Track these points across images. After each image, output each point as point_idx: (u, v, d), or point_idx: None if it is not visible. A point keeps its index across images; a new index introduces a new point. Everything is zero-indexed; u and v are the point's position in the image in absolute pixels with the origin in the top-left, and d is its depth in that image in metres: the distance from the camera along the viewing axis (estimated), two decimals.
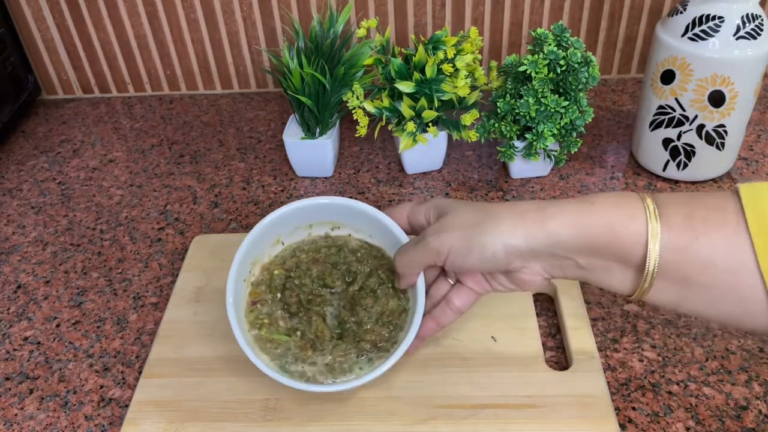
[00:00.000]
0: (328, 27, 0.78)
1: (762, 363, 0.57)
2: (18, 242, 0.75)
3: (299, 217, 0.58)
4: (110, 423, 0.55)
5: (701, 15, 0.68)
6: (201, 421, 0.53)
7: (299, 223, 0.59)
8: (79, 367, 0.60)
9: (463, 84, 0.74)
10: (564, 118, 0.72)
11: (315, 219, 0.59)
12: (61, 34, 0.97)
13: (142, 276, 0.70)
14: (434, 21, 0.94)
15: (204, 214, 0.78)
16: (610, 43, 0.96)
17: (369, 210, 0.56)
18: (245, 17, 0.94)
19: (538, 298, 0.64)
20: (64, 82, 1.02)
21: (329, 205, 0.57)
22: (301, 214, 0.58)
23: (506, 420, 0.52)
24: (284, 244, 0.60)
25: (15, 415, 0.56)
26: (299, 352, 0.54)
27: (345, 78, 0.77)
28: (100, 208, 0.80)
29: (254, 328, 0.55)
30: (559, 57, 0.70)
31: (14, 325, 0.65)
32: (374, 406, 0.54)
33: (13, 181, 0.86)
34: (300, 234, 0.60)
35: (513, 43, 0.96)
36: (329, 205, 0.57)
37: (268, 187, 0.82)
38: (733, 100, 0.70)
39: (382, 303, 0.55)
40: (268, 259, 0.59)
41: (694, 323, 0.61)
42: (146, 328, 0.64)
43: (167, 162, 0.88)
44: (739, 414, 0.53)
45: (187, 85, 1.02)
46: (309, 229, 0.60)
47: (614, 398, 0.55)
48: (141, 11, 0.94)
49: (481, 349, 0.58)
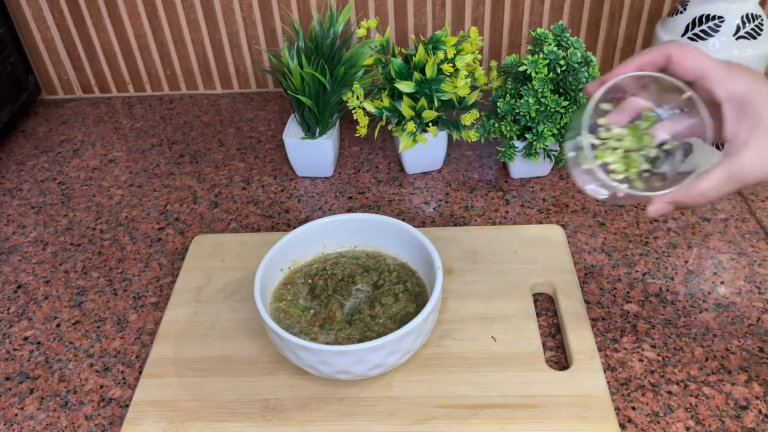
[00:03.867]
0: (328, 27, 0.78)
1: (762, 363, 0.57)
2: (18, 242, 0.75)
3: (347, 230, 0.63)
4: (110, 423, 0.55)
5: (701, 15, 0.68)
6: (201, 421, 0.53)
7: (345, 239, 0.64)
8: (79, 367, 0.60)
9: (463, 84, 0.74)
10: (564, 118, 0.72)
11: (360, 239, 0.64)
12: (61, 34, 0.97)
13: (142, 276, 0.70)
14: (434, 21, 0.94)
15: (204, 214, 0.78)
16: (610, 43, 0.96)
17: (420, 237, 0.59)
18: (245, 17, 0.94)
19: (538, 298, 0.64)
20: (64, 82, 1.02)
21: (375, 222, 0.62)
22: (351, 225, 0.63)
23: (506, 420, 0.52)
24: (326, 248, 0.64)
25: (15, 415, 0.56)
26: (307, 326, 0.57)
27: (345, 78, 0.77)
28: (100, 208, 0.80)
29: (276, 301, 0.59)
30: (559, 57, 0.70)
31: (14, 325, 0.65)
32: (374, 406, 0.54)
33: (13, 181, 0.86)
34: (344, 247, 0.65)
35: (513, 43, 0.96)
36: (375, 222, 0.62)
37: (268, 187, 0.82)
38: None
39: (400, 305, 0.58)
40: (311, 257, 0.63)
41: (694, 323, 0.61)
42: (146, 328, 0.64)
43: (167, 162, 0.88)
44: (739, 414, 0.53)
45: (187, 85, 1.02)
46: (354, 245, 0.64)
47: (614, 398, 0.55)
48: (141, 11, 0.94)
49: (481, 349, 0.58)
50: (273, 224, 0.76)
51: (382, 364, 0.52)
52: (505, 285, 0.64)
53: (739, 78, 0.47)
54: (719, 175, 0.47)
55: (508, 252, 0.67)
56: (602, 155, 0.52)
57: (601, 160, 0.52)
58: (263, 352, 0.59)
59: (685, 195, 0.49)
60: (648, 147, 0.52)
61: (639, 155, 0.52)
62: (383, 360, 0.52)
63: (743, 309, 0.62)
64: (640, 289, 0.64)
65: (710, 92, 0.47)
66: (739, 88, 0.46)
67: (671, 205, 0.50)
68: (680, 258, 0.68)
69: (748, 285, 0.64)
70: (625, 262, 0.67)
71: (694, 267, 0.67)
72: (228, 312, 0.63)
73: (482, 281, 0.64)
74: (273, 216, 0.77)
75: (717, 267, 0.66)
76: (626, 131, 0.52)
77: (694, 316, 0.61)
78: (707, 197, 0.49)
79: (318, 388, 0.55)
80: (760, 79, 0.47)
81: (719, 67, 0.47)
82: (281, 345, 0.53)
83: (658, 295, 0.64)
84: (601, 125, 0.53)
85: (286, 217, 0.77)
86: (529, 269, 0.65)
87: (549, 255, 0.66)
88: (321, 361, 0.51)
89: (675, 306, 0.63)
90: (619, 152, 0.52)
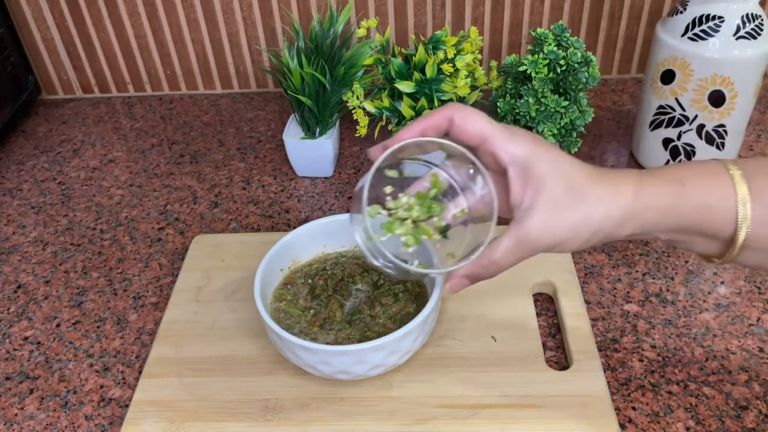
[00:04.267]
0: (328, 27, 0.78)
1: (762, 363, 0.57)
2: (18, 242, 0.75)
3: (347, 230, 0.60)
4: (110, 423, 0.55)
5: (701, 15, 0.68)
6: (201, 421, 0.53)
7: (345, 239, 0.63)
8: (79, 367, 0.60)
9: (463, 84, 0.74)
10: (564, 118, 0.72)
11: None
12: (61, 34, 0.97)
13: (142, 276, 0.70)
14: (434, 21, 0.94)
15: (204, 214, 0.78)
16: (610, 43, 0.96)
17: None
18: (245, 17, 0.94)
19: (538, 298, 0.64)
20: (64, 82, 1.02)
21: None
22: None
23: (506, 420, 0.52)
24: (326, 248, 0.64)
25: (15, 415, 0.56)
26: (306, 326, 0.56)
27: (345, 78, 0.77)
28: (100, 208, 0.80)
29: (277, 301, 0.59)
30: (559, 57, 0.70)
31: (14, 325, 0.65)
32: (374, 406, 0.54)
33: (13, 181, 0.86)
34: (344, 247, 0.64)
35: (513, 43, 0.96)
36: None
37: (268, 186, 0.82)
38: (733, 100, 0.70)
39: (400, 305, 0.57)
40: (311, 257, 0.63)
41: (694, 323, 0.61)
42: (146, 328, 0.64)
43: (167, 162, 0.88)
44: (739, 414, 0.53)
45: (187, 85, 1.02)
46: (354, 245, 0.64)
47: (614, 398, 0.55)
48: (141, 11, 0.94)
49: (481, 349, 0.58)
50: (273, 224, 0.76)
51: (382, 364, 0.52)
52: (505, 285, 0.63)
53: (520, 142, 0.45)
54: (508, 242, 0.46)
55: None
56: (391, 228, 0.49)
57: (390, 233, 0.49)
58: (263, 352, 0.59)
59: (478, 266, 0.47)
60: (439, 216, 0.49)
61: (430, 226, 0.49)
62: (383, 360, 0.52)
63: (743, 309, 0.62)
64: (640, 289, 0.64)
65: (495, 156, 0.46)
66: (520, 152, 0.45)
67: (467, 279, 0.49)
68: (680, 258, 0.68)
69: (748, 285, 0.64)
70: (625, 262, 0.67)
71: (694, 267, 0.67)
72: (228, 312, 0.63)
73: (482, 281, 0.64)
74: (273, 216, 0.77)
75: (717, 267, 0.66)
76: (414, 200, 0.49)
77: (694, 316, 0.61)
78: (500, 266, 0.47)
79: (318, 388, 0.55)
80: (539, 142, 0.46)
81: (500, 132, 0.46)
82: (281, 345, 0.53)
83: (658, 295, 0.64)
84: (387, 194, 0.49)
85: (286, 217, 0.77)
86: (529, 269, 0.65)
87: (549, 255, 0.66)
88: (321, 361, 0.51)
89: (675, 306, 0.63)
90: (408, 223, 0.49)
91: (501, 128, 0.46)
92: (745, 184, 0.43)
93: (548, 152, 0.45)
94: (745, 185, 0.43)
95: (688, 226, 0.44)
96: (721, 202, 0.43)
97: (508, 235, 0.46)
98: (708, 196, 0.43)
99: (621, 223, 0.45)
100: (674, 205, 0.44)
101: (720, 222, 0.43)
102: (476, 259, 0.47)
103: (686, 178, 0.44)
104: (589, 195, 0.44)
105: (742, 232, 0.43)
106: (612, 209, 0.44)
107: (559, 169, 0.45)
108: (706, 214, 0.43)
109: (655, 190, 0.44)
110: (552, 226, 0.44)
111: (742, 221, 0.42)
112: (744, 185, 0.43)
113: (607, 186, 0.45)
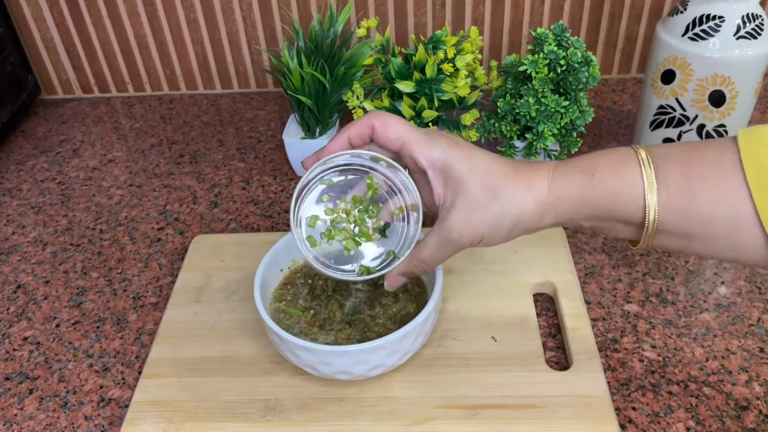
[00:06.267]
0: (328, 27, 0.78)
1: (762, 363, 0.57)
2: (18, 242, 0.75)
3: None
4: (110, 423, 0.55)
5: (701, 15, 0.68)
6: (201, 421, 0.53)
7: None
8: (78, 367, 0.60)
9: (463, 84, 0.74)
10: (564, 118, 0.72)
11: None
12: (61, 34, 0.97)
13: (142, 276, 0.70)
14: (434, 21, 0.94)
15: (204, 214, 0.78)
16: (610, 42, 0.96)
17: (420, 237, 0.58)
18: (245, 17, 0.94)
19: (538, 298, 0.64)
20: (64, 82, 1.02)
21: None
22: None
23: (506, 420, 0.52)
24: None
25: (15, 415, 0.56)
26: (306, 326, 0.56)
27: (345, 78, 0.76)
28: (100, 208, 0.80)
29: (276, 302, 0.59)
30: (559, 57, 0.70)
31: (14, 325, 0.65)
32: (374, 406, 0.54)
33: (13, 181, 0.86)
34: None
35: (513, 42, 0.96)
36: None
37: (268, 187, 0.82)
38: (734, 99, 0.70)
39: (400, 305, 0.57)
40: None
41: (694, 323, 0.61)
42: (146, 328, 0.64)
43: (167, 162, 0.88)
44: (739, 414, 0.53)
45: (187, 85, 1.02)
46: None
47: (614, 398, 0.55)
48: (141, 11, 0.94)
49: (481, 349, 0.58)
50: (273, 224, 0.76)
51: (382, 364, 0.52)
52: (506, 285, 0.64)
53: (436, 145, 0.48)
54: (433, 240, 0.49)
55: (508, 252, 0.67)
56: (331, 235, 0.52)
57: (331, 241, 0.52)
58: (263, 352, 0.59)
59: (409, 264, 0.52)
60: (376, 217, 0.53)
61: (369, 227, 0.53)
62: (383, 360, 0.52)
63: (743, 309, 0.62)
64: (641, 290, 0.64)
65: (414, 160, 0.49)
66: (437, 155, 0.48)
67: (403, 276, 0.53)
68: (680, 258, 0.68)
69: (749, 285, 0.64)
70: (625, 262, 0.67)
71: (695, 267, 0.67)
72: (228, 312, 0.63)
73: (482, 281, 0.64)
74: (273, 216, 0.77)
75: (717, 267, 0.66)
76: (351, 205, 0.53)
77: (695, 316, 0.61)
78: (429, 264, 0.51)
79: (318, 389, 0.55)
80: (456, 144, 0.48)
81: (418, 136, 0.49)
82: (281, 345, 0.53)
83: (659, 295, 0.64)
84: (324, 201, 0.53)
85: (286, 217, 0.77)
86: (529, 269, 0.65)
87: (549, 255, 0.66)
88: (321, 362, 0.51)
89: (675, 306, 0.62)
90: (347, 227, 0.52)
91: (419, 133, 0.49)
92: (653, 170, 0.44)
93: (465, 153, 0.48)
94: (652, 171, 0.44)
95: (601, 213, 0.46)
96: (629, 189, 0.44)
97: (433, 234, 0.49)
98: (616, 183, 0.45)
99: (539, 214, 0.47)
100: (585, 194, 0.46)
101: (632, 208, 0.45)
102: (408, 258, 0.51)
103: (596, 167, 0.46)
104: (504, 191, 0.47)
105: (650, 217, 0.44)
106: (528, 203, 0.47)
107: (475, 168, 0.47)
108: (615, 200, 0.45)
109: (567, 181, 0.47)
110: (472, 224, 0.47)
111: (650, 207, 0.44)
112: (651, 171, 0.44)
113: (522, 181, 0.47)
